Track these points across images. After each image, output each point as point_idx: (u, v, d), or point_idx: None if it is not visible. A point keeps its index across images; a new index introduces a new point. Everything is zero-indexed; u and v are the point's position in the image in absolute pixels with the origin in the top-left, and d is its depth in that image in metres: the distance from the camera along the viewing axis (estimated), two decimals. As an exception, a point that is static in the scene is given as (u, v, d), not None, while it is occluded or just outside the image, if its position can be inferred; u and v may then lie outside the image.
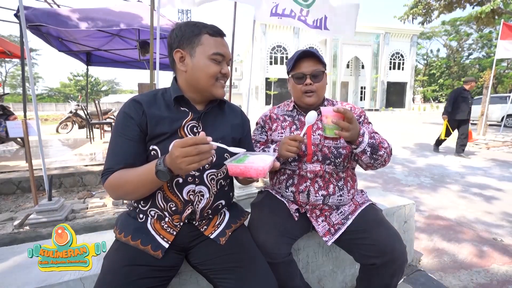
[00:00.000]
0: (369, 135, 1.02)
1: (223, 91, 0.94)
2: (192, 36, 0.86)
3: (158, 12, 2.13)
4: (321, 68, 1.13)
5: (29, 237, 1.85)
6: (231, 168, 0.79)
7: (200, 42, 0.86)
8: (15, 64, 36.60)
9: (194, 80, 0.89)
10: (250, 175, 0.78)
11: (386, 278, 1.00)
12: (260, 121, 1.31)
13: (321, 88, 1.15)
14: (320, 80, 1.14)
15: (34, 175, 2.14)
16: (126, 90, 57.17)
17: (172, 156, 0.68)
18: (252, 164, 0.78)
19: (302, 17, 2.45)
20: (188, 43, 0.86)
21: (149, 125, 0.85)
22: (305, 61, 1.13)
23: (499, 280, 1.58)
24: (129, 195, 0.83)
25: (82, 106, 6.53)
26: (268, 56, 28.66)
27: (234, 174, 0.80)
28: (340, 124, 0.89)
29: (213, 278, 0.86)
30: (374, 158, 1.02)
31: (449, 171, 4.16)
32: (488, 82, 7.18)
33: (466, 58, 39.54)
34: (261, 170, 0.76)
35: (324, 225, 1.13)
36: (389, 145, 1.09)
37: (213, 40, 0.87)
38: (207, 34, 0.86)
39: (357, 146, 0.99)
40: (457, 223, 2.37)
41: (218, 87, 0.91)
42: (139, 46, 4.35)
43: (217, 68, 0.88)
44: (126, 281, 0.74)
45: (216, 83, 0.90)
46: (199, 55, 0.86)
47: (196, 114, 0.92)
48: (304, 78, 1.13)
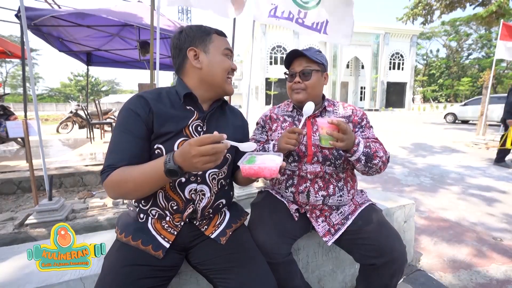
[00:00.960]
0: (365, 144, 1.04)
1: (232, 88, 0.98)
2: (203, 35, 0.92)
3: (158, 12, 2.13)
4: (312, 67, 1.13)
5: (29, 237, 1.85)
6: (244, 169, 0.79)
7: (211, 40, 0.92)
8: (15, 64, 36.64)
9: (210, 76, 0.92)
10: (264, 175, 0.79)
11: (386, 278, 1.01)
12: (261, 121, 1.31)
13: (311, 86, 1.14)
14: (310, 78, 1.14)
15: (34, 175, 2.15)
16: (126, 90, 57.19)
17: (188, 155, 0.67)
18: (265, 164, 0.79)
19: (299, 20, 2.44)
20: (201, 41, 0.91)
21: (155, 123, 0.84)
22: (297, 60, 1.17)
23: (499, 280, 1.58)
24: (131, 194, 0.80)
25: (83, 106, 6.53)
26: (268, 56, 28.65)
27: (248, 175, 0.80)
28: (334, 135, 0.93)
29: (213, 278, 0.86)
30: (368, 166, 1.05)
31: (448, 171, 4.17)
32: (487, 82, 7.18)
33: (466, 58, 39.61)
34: (274, 170, 0.78)
35: (324, 225, 1.13)
36: (386, 153, 1.09)
37: (222, 39, 0.95)
38: (216, 34, 0.94)
39: (351, 155, 1.02)
40: (456, 223, 2.37)
41: (229, 83, 0.96)
42: (139, 46, 4.36)
43: (229, 63, 0.94)
44: (126, 281, 0.74)
45: (227, 79, 0.95)
46: (213, 52, 0.92)
47: (202, 113, 0.93)
48: (294, 76, 1.16)
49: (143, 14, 3.52)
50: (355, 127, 1.19)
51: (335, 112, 1.22)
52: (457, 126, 11.39)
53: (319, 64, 1.14)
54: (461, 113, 12.66)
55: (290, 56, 1.17)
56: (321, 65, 1.15)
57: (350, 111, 1.21)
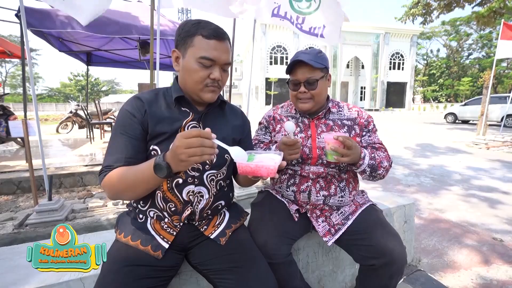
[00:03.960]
0: (370, 156, 1.06)
1: (213, 96, 0.88)
2: (186, 36, 0.83)
3: (158, 12, 2.13)
4: (316, 76, 1.09)
5: (29, 237, 1.85)
6: (241, 166, 0.76)
7: (192, 44, 0.82)
8: (15, 64, 36.64)
9: (183, 82, 0.88)
10: (261, 174, 0.76)
11: (385, 279, 1.01)
12: (264, 121, 1.29)
13: (318, 94, 1.11)
14: (315, 87, 1.09)
15: (34, 175, 2.14)
16: (126, 90, 57.22)
17: (174, 147, 0.66)
18: (263, 163, 0.76)
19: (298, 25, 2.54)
20: (182, 43, 0.85)
21: (150, 124, 0.85)
22: (301, 67, 1.10)
23: (499, 280, 1.58)
24: (126, 193, 0.80)
25: (82, 106, 6.53)
26: (268, 56, 28.65)
27: (244, 173, 0.77)
28: (339, 150, 0.95)
29: (213, 278, 0.86)
30: (372, 176, 1.09)
31: (449, 171, 4.16)
32: (488, 82, 7.17)
33: (466, 58, 39.62)
34: (272, 169, 0.75)
35: (324, 226, 1.13)
36: (389, 161, 1.13)
37: (205, 43, 0.82)
38: (201, 36, 0.82)
39: (357, 168, 1.06)
40: (457, 223, 2.37)
41: (207, 92, 0.87)
42: (140, 46, 4.36)
43: (205, 73, 0.83)
44: (126, 281, 0.74)
45: (204, 88, 0.86)
46: (188, 57, 0.83)
47: (197, 114, 0.91)
48: (299, 85, 1.12)
49: (143, 14, 3.52)
50: (362, 130, 1.18)
51: (340, 114, 1.20)
52: (457, 126, 11.39)
53: (322, 69, 1.10)
54: (461, 113, 12.66)
55: (295, 63, 1.10)
56: (324, 69, 1.11)
57: (355, 113, 1.19)
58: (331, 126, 1.16)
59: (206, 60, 0.82)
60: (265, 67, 28.47)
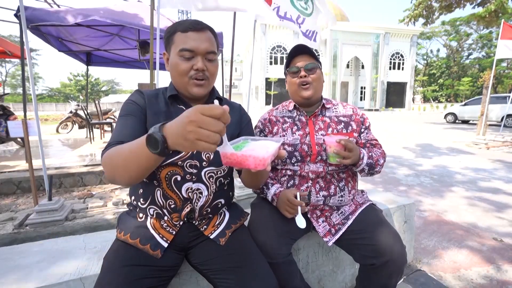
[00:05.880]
0: (368, 155, 1.11)
1: (200, 90, 0.87)
2: (168, 36, 0.87)
3: (158, 12, 2.13)
4: (315, 63, 1.16)
5: (29, 237, 1.85)
6: (225, 156, 0.61)
7: (173, 41, 0.85)
8: (15, 64, 36.64)
9: (173, 79, 0.91)
10: (248, 166, 0.60)
11: (385, 278, 1.01)
12: (259, 124, 1.29)
13: (317, 80, 1.16)
14: (315, 72, 1.16)
15: (34, 175, 2.15)
16: (126, 90, 57.16)
17: (183, 120, 0.52)
18: (252, 152, 0.61)
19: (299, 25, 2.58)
20: (167, 44, 0.89)
21: (148, 115, 0.87)
22: (299, 56, 1.17)
23: (499, 280, 1.58)
24: (119, 171, 0.70)
25: (82, 106, 6.53)
26: (268, 56, 28.65)
27: (228, 164, 0.62)
28: (341, 153, 1.00)
29: (213, 278, 0.86)
30: (370, 173, 1.16)
31: (449, 171, 4.16)
32: (488, 82, 7.18)
33: (466, 58, 39.61)
34: (260, 160, 0.59)
35: (324, 226, 1.13)
36: (384, 157, 1.19)
37: (183, 36, 0.83)
38: (179, 32, 0.84)
39: (356, 167, 1.11)
40: (457, 223, 2.37)
41: (193, 86, 0.86)
42: (139, 46, 4.36)
43: (186, 65, 0.84)
44: (126, 281, 0.74)
45: (190, 81, 0.86)
46: (172, 55, 0.86)
47: None
48: (299, 71, 1.16)
49: (143, 14, 3.52)
50: (359, 127, 1.21)
51: (335, 111, 1.23)
52: (457, 126, 11.39)
53: (318, 61, 1.18)
54: (461, 113, 12.67)
55: (295, 52, 1.18)
56: (319, 63, 1.19)
57: (350, 110, 1.23)
58: (328, 123, 1.18)
59: (185, 52, 0.83)
60: (265, 67, 28.47)
